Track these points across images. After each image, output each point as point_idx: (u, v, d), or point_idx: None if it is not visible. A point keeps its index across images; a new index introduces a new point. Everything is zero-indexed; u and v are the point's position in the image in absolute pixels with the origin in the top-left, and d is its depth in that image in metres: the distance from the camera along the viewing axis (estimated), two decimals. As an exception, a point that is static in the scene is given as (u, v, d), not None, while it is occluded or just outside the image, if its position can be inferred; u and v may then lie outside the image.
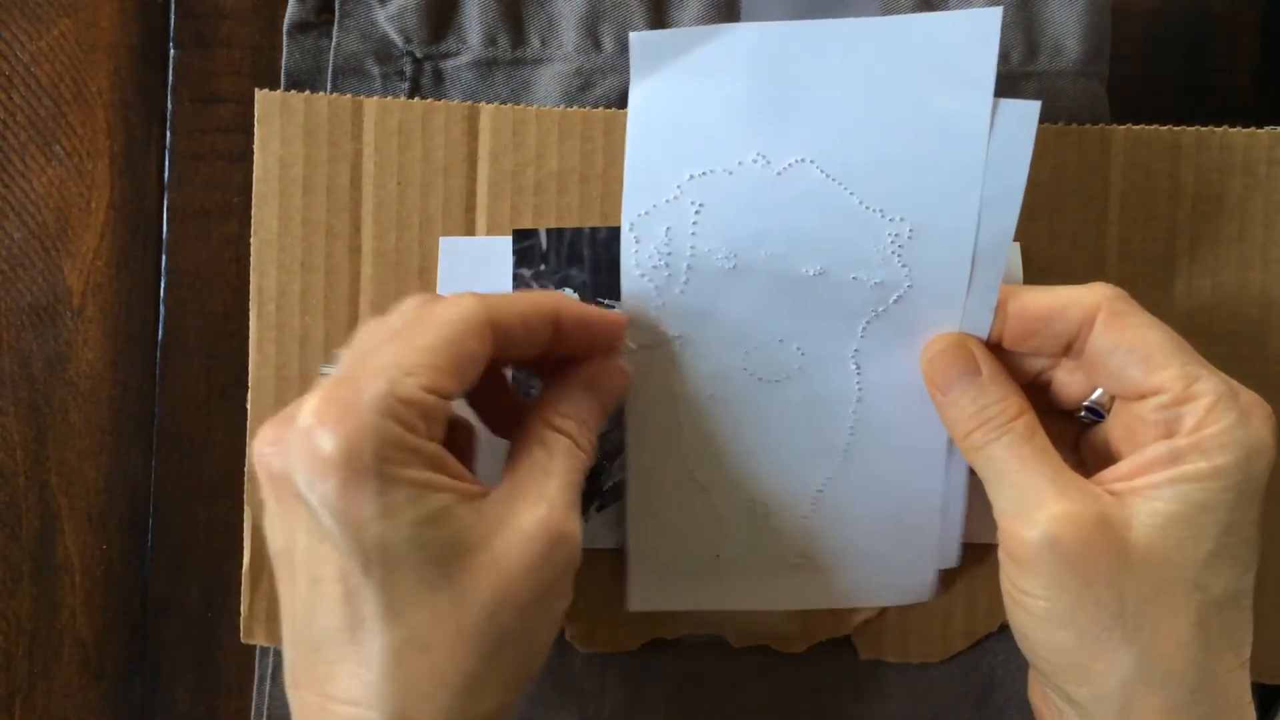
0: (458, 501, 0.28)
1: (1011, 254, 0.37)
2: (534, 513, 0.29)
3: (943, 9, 0.39)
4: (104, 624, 0.43)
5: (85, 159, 0.42)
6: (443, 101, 0.37)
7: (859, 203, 0.33)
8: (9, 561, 0.43)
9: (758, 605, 0.38)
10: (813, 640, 0.39)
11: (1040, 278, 0.37)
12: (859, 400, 0.36)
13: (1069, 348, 0.32)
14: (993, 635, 0.39)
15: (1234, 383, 0.31)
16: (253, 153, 0.37)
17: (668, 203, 0.34)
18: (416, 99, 0.38)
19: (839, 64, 0.32)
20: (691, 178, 0.34)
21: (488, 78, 0.39)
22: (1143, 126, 0.38)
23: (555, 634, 0.31)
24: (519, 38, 0.39)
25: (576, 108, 0.37)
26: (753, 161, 0.33)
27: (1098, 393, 0.33)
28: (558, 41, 0.39)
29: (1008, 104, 0.32)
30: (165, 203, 0.43)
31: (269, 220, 0.37)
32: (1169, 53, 0.44)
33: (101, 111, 0.43)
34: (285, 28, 0.40)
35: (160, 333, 0.43)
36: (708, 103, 0.33)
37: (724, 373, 0.35)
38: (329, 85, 0.39)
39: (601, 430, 0.34)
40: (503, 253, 0.37)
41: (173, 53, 0.43)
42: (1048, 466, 0.31)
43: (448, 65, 0.39)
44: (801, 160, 0.33)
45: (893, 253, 0.34)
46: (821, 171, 0.33)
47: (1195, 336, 0.32)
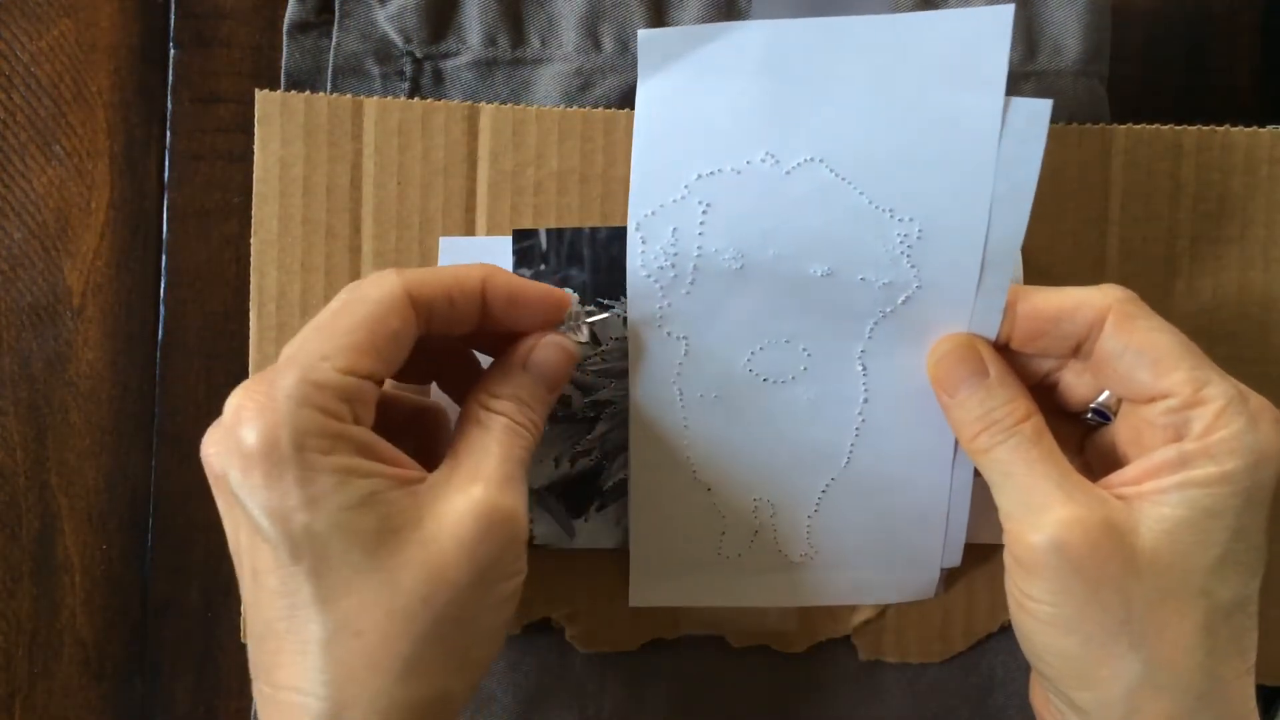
0: (389, 486, 0.28)
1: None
2: (468, 492, 0.29)
3: (945, 8, 0.39)
4: (104, 624, 0.43)
5: (85, 159, 0.42)
6: (443, 101, 0.37)
7: (868, 202, 0.33)
8: (9, 561, 0.43)
9: (760, 602, 0.38)
10: (813, 640, 0.39)
11: (1040, 278, 0.37)
12: (865, 401, 0.36)
13: (1077, 349, 0.32)
14: (993, 635, 0.39)
15: (1243, 387, 0.30)
16: (253, 153, 0.37)
17: (675, 203, 0.34)
18: (416, 99, 0.38)
19: (848, 62, 0.32)
20: (699, 177, 0.33)
21: (488, 78, 0.39)
22: (1143, 126, 0.38)
23: (507, 614, 0.31)
24: (519, 38, 0.39)
25: (576, 108, 0.37)
26: (761, 161, 0.33)
27: (1105, 395, 0.33)
28: (558, 41, 0.39)
29: (1019, 103, 0.32)
30: (165, 203, 0.43)
31: (269, 220, 0.37)
32: (1169, 53, 0.44)
33: (101, 111, 0.43)
34: (285, 28, 0.39)
35: (160, 333, 0.43)
36: (716, 101, 0.33)
37: (729, 373, 0.35)
38: (329, 85, 0.39)
39: (550, 407, 0.33)
40: (503, 253, 0.37)
41: (173, 53, 0.43)
42: (1054, 470, 0.31)
43: (448, 65, 0.39)
44: (810, 159, 0.33)
45: (901, 253, 0.33)
46: (830, 171, 0.33)
47: (1196, 336, 0.32)
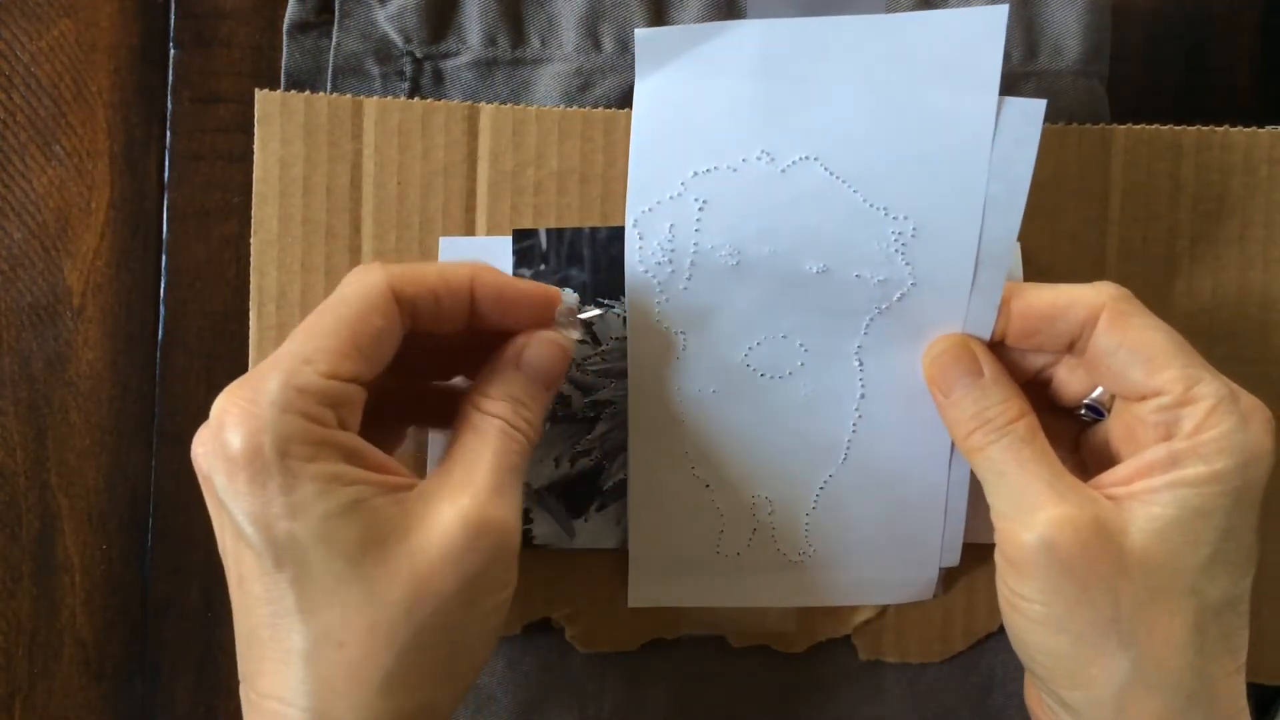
0: (375, 494, 0.28)
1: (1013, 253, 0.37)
2: (457, 502, 0.28)
3: (943, 7, 0.39)
4: (104, 624, 0.43)
5: (85, 159, 0.42)
6: (443, 101, 0.37)
7: (863, 201, 0.33)
8: (9, 561, 0.43)
9: (759, 602, 0.38)
10: (813, 640, 0.39)
11: (1040, 277, 0.37)
12: (862, 396, 0.36)
13: (1072, 346, 0.32)
14: (993, 635, 0.39)
15: (1235, 386, 0.30)
16: (253, 153, 0.37)
17: (671, 199, 0.34)
18: (416, 99, 0.38)
19: (844, 61, 0.32)
20: (695, 175, 0.34)
21: (488, 78, 0.39)
22: (1143, 126, 0.38)
23: (494, 625, 0.30)
24: (519, 38, 0.39)
25: (576, 108, 0.37)
26: (757, 159, 0.33)
27: (1098, 391, 0.33)
28: (558, 41, 0.39)
29: (1013, 102, 0.32)
30: (165, 203, 0.43)
31: (269, 220, 0.37)
32: (1169, 53, 0.44)
33: (101, 111, 0.43)
34: (285, 28, 0.40)
35: (160, 333, 0.43)
36: (712, 100, 0.33)
37: (727, 369, 0.35)
38: (329, 85, 0.39)
39: (548, 405, 0.32)
40: (503, 253, 0.37)
41: (173, 53, 0.43)
42: (1046, 470, 0.31)
43: (448, 65, 0.39)
44: (806, 158, 0.33)
45: (896, 251, 0.33)
46: (825, 169, 0.33)
47: (1195, 336, 0.32)
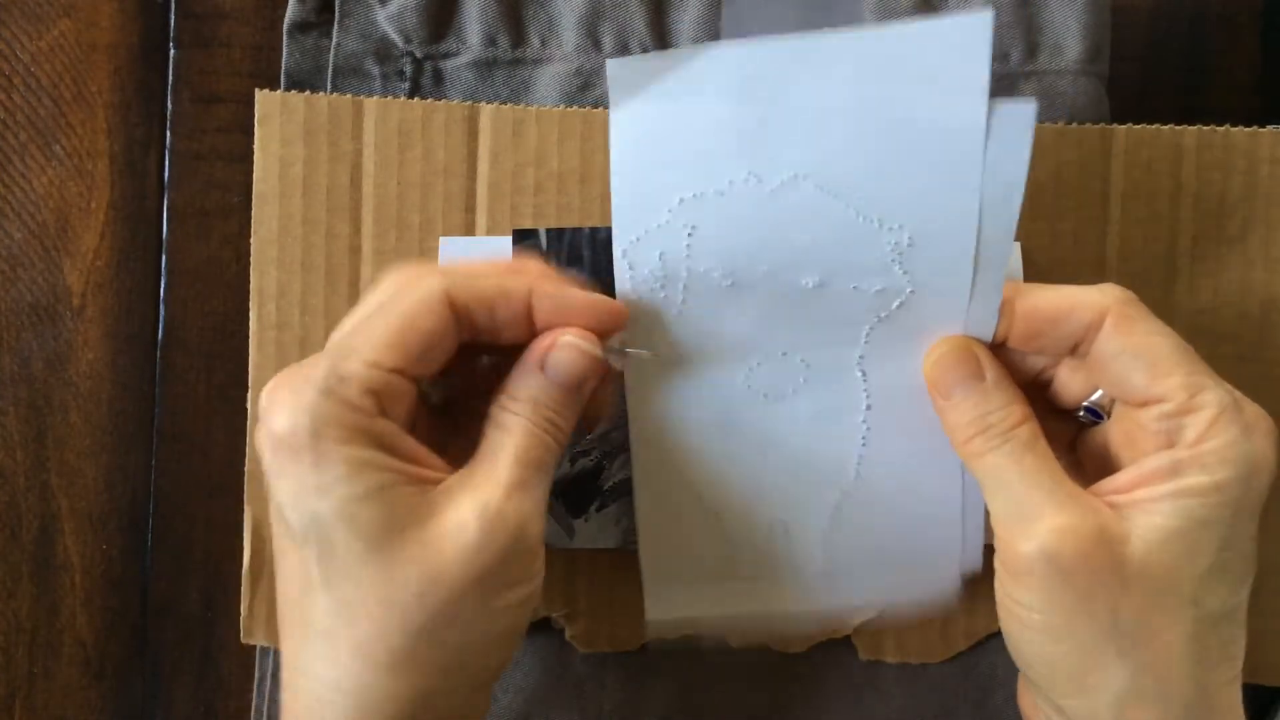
0: (401, 482, 0.29)
1: (1012, 254, 0.37)
2: (475, 497, 0.29)
3: (943, 9, 0.39)
4: (104, 624, 0.43)
5: (85, 159, 0.42)
6: (443, 101, 0.37)
7: (855, 215, 0.32)
8: (9, 561, 0.43)
9: (777, 625, 0.38)
10: (813, 640, 0.39)
11: (1041, 277, 0.37)
12: (868, 407, 0.35)
13: (1074, 348, 0.32)
14: (993, 635, 0.39)
15: (1239, 395, 0.30)
16: (253, 153, 0.37)
17: (659, 228, 0.33)
18: (416, 99, 0.38)
19: (826, 78, 0.31)
20: (682, 201, 0.33)
21: (488, 78, 0.39)
22: (1143, 126, 0.38)
23: (512, 621, 0.30)
24: (519, 38, 0.39)
25: (576, 108, 0.37)
26: (744, 181, 0.32)
27: (1098, 394, 0.33)
28: (558, 41, 0.39)
29: (1004, 104, 0.31)
30: (165, 203, 0.43)
31: (269, 220, 0.37)
32: (1169, 53, 0.44)
33: (101, 111, 0.42)
34: (285, 28, 0.39)
35: (160, 333, 0.43)
36: (693, 125, 0.32)
37: (729, 394, 0.35)
38: (329, 85, 0.39)
39: (577, 407, 0.32)
40: (503, 253, 0.37)
41: (173, 53, 0.43)
42: (1047, 477, 0.30)
43: (448, 65, 0.39)
44: (795, 176, 0.32)
45: (893, 260, 0.33)
46: (815, 186, 0.32)
47: (1197, 336, 0.32)
